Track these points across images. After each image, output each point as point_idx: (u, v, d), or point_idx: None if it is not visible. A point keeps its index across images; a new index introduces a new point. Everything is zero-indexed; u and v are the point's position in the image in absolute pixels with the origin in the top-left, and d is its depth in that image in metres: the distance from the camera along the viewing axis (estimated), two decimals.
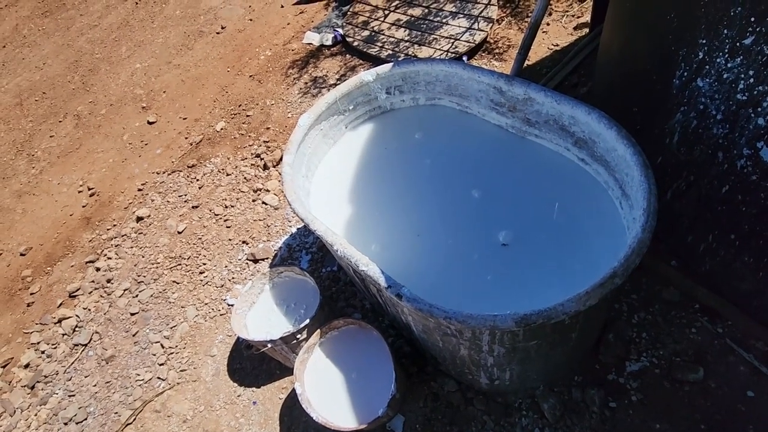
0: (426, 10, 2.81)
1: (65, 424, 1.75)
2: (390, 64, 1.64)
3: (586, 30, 2.38)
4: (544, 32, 2.51)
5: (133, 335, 1.94)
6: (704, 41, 1.09)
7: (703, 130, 1.20)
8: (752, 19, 0.96)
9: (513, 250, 1.34)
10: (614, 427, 1.31)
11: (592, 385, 1.37)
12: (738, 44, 1.01)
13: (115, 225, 2.44)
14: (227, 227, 2.21)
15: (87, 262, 2.29)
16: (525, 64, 2.26)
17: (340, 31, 2.95)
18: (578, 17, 2.49)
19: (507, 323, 0.94)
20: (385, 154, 1.71)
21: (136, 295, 2.07)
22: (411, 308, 1.04)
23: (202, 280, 2.03)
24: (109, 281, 2.17)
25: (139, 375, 1.81)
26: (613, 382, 1.38)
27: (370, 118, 1.79)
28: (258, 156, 2.49)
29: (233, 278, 2.01)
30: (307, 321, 1.43)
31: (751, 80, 1.02)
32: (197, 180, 2.49)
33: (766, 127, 1.04)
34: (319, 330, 1.43)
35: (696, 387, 1.32)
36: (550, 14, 2.58)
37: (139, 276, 2.14)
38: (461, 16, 2.66)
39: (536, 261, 1.29)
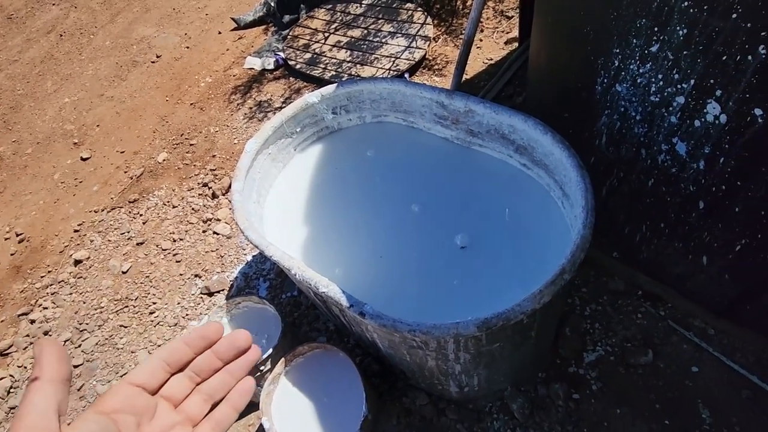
0: (365, 31, 2.88)
1: None
2: (334, 85, 1.66)
3: (516, 44, 2.54)
4: (478, 48, 2.65)
5: (78, 389, 1.78)
6: (618, 50, 1.19)
7: (626, 131, 1.31)
8: (655, 29, 1.07)
9: (472, 252, 1.38)
10: (580, 417, 1.36)
11: (556, 380, 1.42)
12: (646, 52, 1.12)
13: (50, 271, 2.25)
14: (177, 262, 2.10)
15: (19, 315, 2.08)
16: (463, 79, 2.37)
17: (282, 54, 2.95)
18: (507, 33, 2.65)
19: (469, 329, 0.95)
20: (337, 173, 1.71)
21: (79, 345, 1.90)
22: (375, 325, 1.03)
23: (153, 321, 1.91)
24: (46, 333, 1.98)
25: None
26: (574, 375, 1.44)
27: (319, 138, 1.79)
28: (205, 185, 2.41)
29: (187, 315, 1.90)
30: (270, 351, 1.38)
31: (661, 83, 1.13)
32: (141, 215, 2.37)
33: (678, 124, 1.15)
34: (283, 359, 1.39)
35: (648, 369, 1.40)
36: (482, 31, 2.73)
37: (81, 324, 1.98)
38: (399, 35, 2.75)
39: (494, 262, 1.34)
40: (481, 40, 2.69)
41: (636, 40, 1.13)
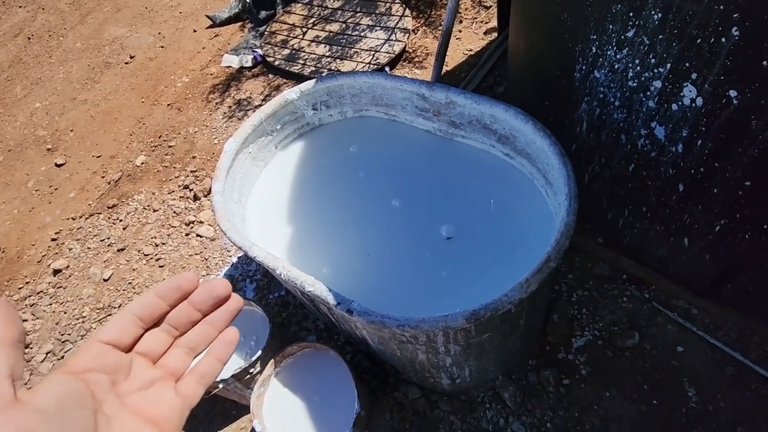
0: (344, 25, 2.85)
1: None
2: (313, 81, 1.63)
3: (495, 34, 2.54)
4: (457, 39, 2.64)
5: None
6: (595, 37, 1.20)
7: (605, 117, 1.31)
8: (631, 14, 1.07)
9: (458, 243, 1.38)
10: (570, 402, 1.38)
11: (546, 367, 1.44)
12: (623, 37, 1.12)
13: (27, 282, 2.18)
14: (160, 267, 2.06)
15: None
16: (444, 70, 2.36)
17: (260, 51, 2.90)
18: (486, 23, 2.65)
19: (458, 321, 0.95)
20: (320, 170, 1.69)
21: (62, 357, 1.85)
22: (363, 322, 1.02)
23: None
24: (27, 347, 1.93)
25: None
26: (563, 360, 1.45)
27: (300, 135, 1.76)
28: (186, 187, 2.36)
29: None
30: (259, 353, 1.36)
31: (638, 68, 1.13)
32: (120, 220, 2.31)
33: (656, 108, 1.16)
34: (272, 360, 1.37)
35: (635, 351, 1.42)
36: (461, 22, 2.72)
37: (62, 335, 1.92)
38: (378, 28, 2.73)
39: (480, 252, 1.34)
40: (460, 31, 2.68)
41: (612, 26, 1.13)
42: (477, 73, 2.26)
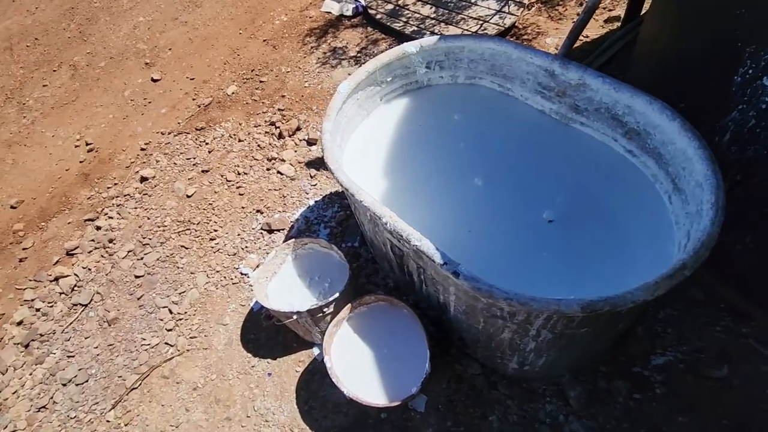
0: None
1: (63, 385, 1.67)
2: (436, 37, 1.58)
3: (617, 23, 2.36)
4: (574, 23, 2.47)
5: (138, 299, 1.86)
6: None
7: (760, 130, 1.19)
8: None
9: (559, 227, 1.33)
10: (638, 418, 1.33)
11: (619, 377, 1.39)
12: None
13: (116, 184, 2.31)
14: (240, 194, 2.12)
15: (86, 220, 2.17)
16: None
17: (363, 1, 2.84)
18: (610, 10, 2.46)
19: (572, 308, 0.92)
20: (420, 131, 1.66)
21: (141, 258, 1.97)
22: (468, 287, 1.01)
23: (213, 247, 1.95)
24: (111, 241, 2.06)
25: (145, 339, 1.73)
26: (638, 375, 1.39)
27: (406, 92, 1.73)
28: (272, 124, 2.39)
29: (246, 247, 1.93)
30: (337, 294, 1.39)
31: None
32: (206, 144, 2.38)
33: None
34: (349, 304, 1.39)
35: (720, 383, 1.34)
36: (581, 4, 2.54)
37: (144, 238, 2.04)
38: None
39: (582, 246, 1.28)
40: (578, 14, 2.50)
41: None
42: (593, 61, 2.12)
